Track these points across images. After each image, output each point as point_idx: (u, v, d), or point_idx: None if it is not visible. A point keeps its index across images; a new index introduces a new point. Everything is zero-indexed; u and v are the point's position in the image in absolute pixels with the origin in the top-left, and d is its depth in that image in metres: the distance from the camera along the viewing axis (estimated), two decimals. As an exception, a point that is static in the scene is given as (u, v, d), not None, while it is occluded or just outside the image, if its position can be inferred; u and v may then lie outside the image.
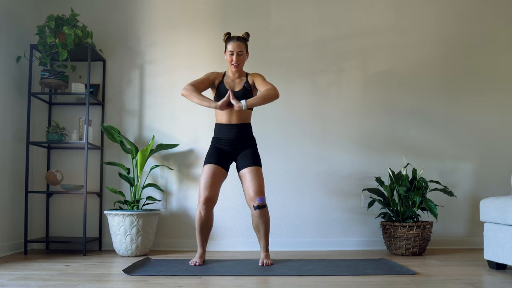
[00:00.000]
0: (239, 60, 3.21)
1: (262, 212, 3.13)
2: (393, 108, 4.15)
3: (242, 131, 3.25)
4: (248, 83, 3.26)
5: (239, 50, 3.19)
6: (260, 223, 3.15)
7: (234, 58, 3.20)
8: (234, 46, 3.19)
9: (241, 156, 3.24)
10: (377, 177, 3.85)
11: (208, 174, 3.16)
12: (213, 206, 3.18)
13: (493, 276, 2.74)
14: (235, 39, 3.21)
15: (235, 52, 3.19)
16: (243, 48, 3.22)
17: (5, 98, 3.63)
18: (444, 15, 4.23)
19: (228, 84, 3.25)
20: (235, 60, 3.20)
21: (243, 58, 3.25)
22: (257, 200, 3.11)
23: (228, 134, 3.23)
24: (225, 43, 3.26)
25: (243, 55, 3.23)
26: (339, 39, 4.18)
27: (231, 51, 3.20)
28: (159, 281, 2.60)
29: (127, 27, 4.15)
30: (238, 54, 3.20)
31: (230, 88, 3.22)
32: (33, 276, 2.72)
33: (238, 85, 3.26)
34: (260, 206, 3.12)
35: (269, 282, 2.58)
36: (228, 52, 3.22)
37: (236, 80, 3.27)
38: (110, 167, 4.05)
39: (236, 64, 3.21)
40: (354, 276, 2.73)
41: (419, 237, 3.59)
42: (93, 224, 4.01)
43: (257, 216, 3.14)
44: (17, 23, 3.82)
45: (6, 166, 3.64)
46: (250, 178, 3.15)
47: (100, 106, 4.09)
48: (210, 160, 3.21)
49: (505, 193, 4.08)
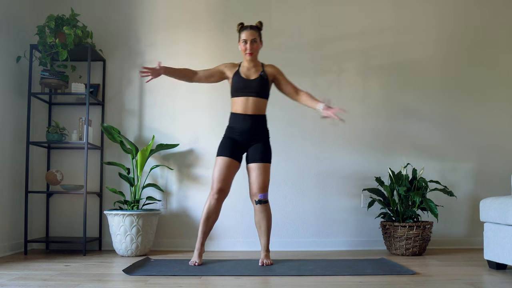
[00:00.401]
0: (252, 48, 3.19)
1: (263, 207, 3.17)
2: (393, 108, 4.15)
3: (257, 122, 3.23)
4: (264, 72, 3.24)
5: (252, 38, 3.17)
6: (262, 219, 3.19)
7: (248, 46, 3.18)
8: (248, 34, 3.17)
9: (252, 148, 3.23)
10: (377, 177, 3.85)
11: (222, 166, 3.15)
12: (224, 198, 3.20)
13: (493, 276, 2.74)
14: (248, 28, 3.20)
15: (249, 40, 3.17)
16: (257, 36, 3.20)
17: (5, 98, 3.63)
18: (444, 15, 4.23)
19: (244, 73, 3.23)
20: (249, 48, 3.18)
21: (257, 46, 3.22)
22: (259, 196, 3.16)
23: (242, 124, 3.20)
24: (239, 33, 3.24)
25: (256, 42, 3.21)
26: (339, 39, 4.18)
27: (244, 39, 3.18)
28: (159, 281, 2.60)
29: (127, 27, 4.15)
30: (251, 41, 3.17)
31: (246, 77, 3.22)
32: (33, 276, 2.72)
33: (254, 74, 3.23)
34: (262, 201, 3.17)
35: (269, 282, 2.58)
36: (241, 41, 3.21)
37: (252, 70, 3.25)
38: (110, 167, 4.05)
39: (250, 52, 3.18)
40: (354, 276, 2.73)
41: (419, 237, 3.59)
42: (93, 224, 4.01)
43: (259, 211, 3.18)
44: (17, 23, 3.82)
45: (6, 166, 3.64)
46: (256, 174, 3.17)
47: (100, 106, 4.09)
48: (224, 152, 3.19)
49: (505, 193, 4.08)
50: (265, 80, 3.22)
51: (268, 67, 3.29)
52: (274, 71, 3.29)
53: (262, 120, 3.27)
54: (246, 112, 3.20)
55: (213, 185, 3.16)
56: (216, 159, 3.20)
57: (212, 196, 3.16)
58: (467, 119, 4.18)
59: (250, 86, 3.19)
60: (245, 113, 3.20)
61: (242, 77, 3.21)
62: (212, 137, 4.06)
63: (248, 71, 3.25)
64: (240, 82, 3.20)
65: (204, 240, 3.22)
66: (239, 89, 3.21)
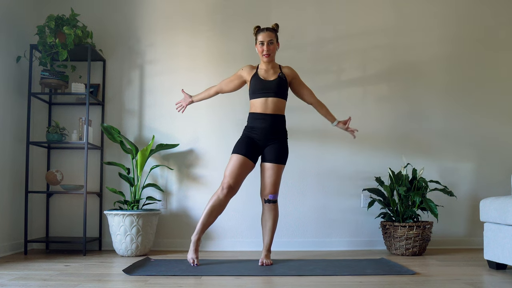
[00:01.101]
0: (269, 50, 3.22)
1: (272, 206, 3.24)
2: (393, 108, 4.15)
3: (276, 121, 3.23)
4: (283, 73, 3.28)
5: (269, 39, 3.21)
6: (269, 217, 3.24)
7: (265, 48, 3.21)
8: (264, 36, 3.21)
9: (269, 147, 3.23)
10: (377, 177, 3.85)
11: (236, 163, 3.15)
12: (232, 196, 3.18)
13: (493, 276, 2.74)
14: (265, 30, 3.24)
15: (266, 41, 3.20)
16: (273, 37, 3.24)
17: (5, 98, 3.63)
18: (444, 15, 4.23)
19: (262, 75, 3.26)
20: (265, 49, 3.21)
21: (274, 47, 3.26)
22: (270, 196, 3.23)
23: (261, 123, 3.21)
24: (255, 36, 3.27)
25: (273, 44, 3.24)
26: (339, 39, 4.18)
27: (261, 41, 3.21)
28: (159, 281, 2.60)
29: (127, 27, 4.15)
30: (268, 43, 3.21)
31: (264, 78, 3.24)
32: (33, 276, 2.72)
33: (272, 75, 3.27)
34: (271, 201, 3.24)
35: (269, 282, 2.58)
36: (258, 43, 3.23)
37: (270, 71, 3.28)
38: (110, 167, 4.05)
39: (267, 54, 3.22)
40: (354, 276, 2.73)
41: (419, 237, 3.59)
42: (93, 224, 4.01)
43: (267, 210, 3.24)
44: (17, 23, 3.82)
45: (6, 166, 3.64)
46: (270, 174, 3.21)
47: (100, 106, 4.09)
48: (240, 150, 3.19)
49: (505, 193, 4.09)
50: (284, 81, 3.26)
51: (286, 69, 3.34)
52: (291, 73, 3.33)
53: (281, 120, 3.28)
54: (266, 112, 3.21)
55: (223, 180, 3.15)
56: (231, 156, 3.20)
57: (221, 191, 3.13)
58: (467, 119, 4.18)
59: (269, 86, 3.21)
60: (265, 113, 3.21)
61: (261, 78, 3.24)
62: (212, 137, 4.07)
63: (266, 73, 3.28)
64: (259, 83, 3.23)
65: (202, 233, 3.17)
66: (257, 90, 3.23)
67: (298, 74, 3.36)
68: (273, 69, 3.29)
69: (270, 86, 3.21)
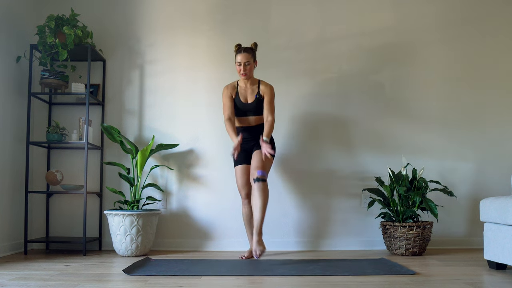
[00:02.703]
0: (246, 70, 3.45)
1: (261, 185, 3.29)
2: (393, 108, 4.15)
3: (258, 129, 3.58)
4: (259, 94, 3.52)
5: (245, 61, 3.43)
6: (258, 196, 3.28)
7: (241, 68, 3.44)
8: (241, 57, 3.44)
9: (256, 146, 3.54)
10: (377, 177, 3.85)
11: (241, 173, 3.52)
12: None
13: (493, 276, 2.74)
14: (242, 51, 3.45)
15: (242, 62, 3.43)
16: (250, 59, 3.45)
17: (5, 98, 3.63)
18: (445, 15, 4.23)
19: (242, 95, 3.52)
20: (242, 70, 3.44)
21: (251, 67, 3.48)
22: (257, 172, 3.32)
23: (245, 134, 3.57)
24: (235, 54, 3.48)
25: (250, 64, 3.46)
26: (339, 39, 4.18)
27: (238, 61, 3.44)
28: (159, 281, 2.60)
29: (127, 27, 4.15)
30: (245, 64, 3.44)
31: (244, 100, 3.51)
32: (33, 276, 2.72)
33: (250, 96, 3.53)
34: (260, 178, 3.29)
35: (269, 282, 2.58)
36: (236, 63, 3.46)
37: (249, 90, 3.54)
38: (110, 167, 4.05)
39: (244, 73, 3.45)
40: (354, 276, 2.73)
41: (419, 237, 3.59)
42: (93, 224, 4.01)
43: (255, 189, 3.30)
44: (17, 23, 3.82)
45: (6, 166, 3.64)
46: (255, 157, 3.44)
47: (100, 106, 4.09)
48: (239, 160, 3.54)
49: (505, 193, 4.09)
50: (261, 100, 3.53)
51: (263, 86, 3.53)
52: (266, 92, 3.51)
53: (262, 127, 3.59)
54: (248, 125, 3.58)
55: (240, 193, 3.56)
56: (235, 169, 3.56)
57: (244, 203, 3.56)
58: (467, 119, 4.18)
59: (248, 109, 3.52)
60: (248, 126, 3.58)
61: (241, 100, 3.52)
62: (212, 137, 4.07)
63: (245, 91, 3.54)
64: (240, 105, 3.52)
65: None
66: (239, 111, 3.54)
67: (271, 95, 3.51)
68: (251, 87, 3.54)
69: (249, 108, 3.52)
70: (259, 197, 3.27)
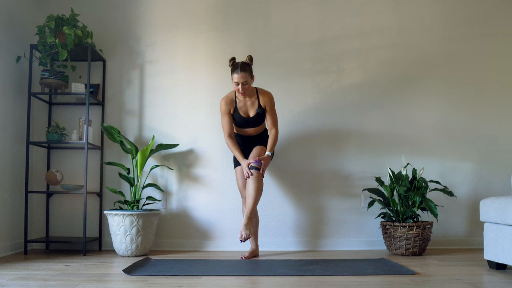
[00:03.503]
0: (244, 89, 3.37)
1: (255, 173, 3.34)
2: (393, 108, 4.15)
3: (259, 136, 3.65)
4: (260, 107, 3.48)
5: (243, 81, 3.34)
6: (251, 183, 3.33)
7: (240, 88, 3.36)
8: (239, 78, 3.33)
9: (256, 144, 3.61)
10: (377, 177, 3.85)
11: (242, 175, 3.52)
12: None
13: (493, 276, 2.74)
14: (238, 70, 3.32)
15: (240, 82, 3.34)
16: (247, 77, 3.35)
17: (5, 98, 3.63)
18: (445, 15, 4.23)
19: (241, 110, 3.48)
20: (241, 89, 3.36)
21: (249, 86, 3.40)
22: (253, 162, 3.35)
23: (245, 140, 3.64)
24: (231, 71, 3.39)
25: (248, 83, 3.37)
26: (339, 39, 4.18)
27: (236, 82, 3.35)
28: (159, 281, 2.60)
29: (127, 27, 4.15)
30: (243, 84, 3.35)
31: (244, 114, 3.49)
32: (33, 276, 2.72)
33: (251, 109, 3.50)
34: (254, 167, 3.34)
35: (269, 282, 2.58)
36: (234, 83, 3.38)
37: (248, 103, 3.50)
38: (110, 167, 4.05)
39: (243, 93, 3.38)
40: (354, 276, 2.73)
41: (419, 237, 3.59)
42: (93, 224, 4.01)
43: (250, 179, 3.34)
44: (17, 23, 3.82)
45: (6, 166, 3.64)
46: (253, 151, 3.50)
47: (100, 106, 4.09)
48: (239, 162, 3.52)
49: (505, 193, 4.08)
50: (262, 113, 3.52)
51: (262, 97, 3.48)
52: (267, 102, 3.49)
53: (263, 132, 3.67)
54: (250, 135, 3.63)
55: (241, 194, 3.58)
56: (235, 170, 3.59)
57: (243, 204, 3.57)
58: (467, 119, 4.18)
59: (250, 122, 3.52)
60: (248, 135, 3.63)
61: (241, 115, 3.49)
62: (212, 137, 4.07)
63: (244, 105, 3.50)
64: (240, 120, 3.51)
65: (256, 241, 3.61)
66: (240, 125, 3.55)
67: (273, 103, 3.52)
68: (250, 100, 3.49)
69: (250, 121, 3.52)
70: (252, 183, 3.32)
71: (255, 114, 3.47)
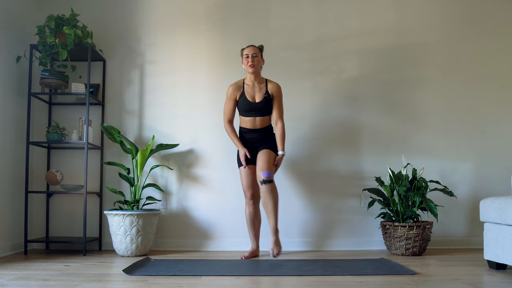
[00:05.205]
0: (254, 61, 3.46)
1: (269, 187, 3.30)
2: (393, 108, 4.15)
3: (264, 132, 3.56)
4: (268, 93, 3.51)
5: (253, 52, 3.47)
6: (268, 199, 3.31)
7: (250, 59, 3.46)
8: (249, 49, 3.48)
9: (261, 145, 3.54)
10: (377, 177, 3.85)
11: (246, 174, 3.50)
12: (259, 201, 3.53)
13: (493, 276, 2.74)
14: (250, 45, 3.55)
15: (250, 54, 3.46)
16: (257, 52, 3.50)
17: (5, 98, 3.63)
18: (445, 15, 4.23)
19: (249, 94, 3.49)
20: (250, 61, 3.45)
21: (258, 60, 3.49)
22: (263, 174, 3.31)
23: (251, 135, 3.56)
24: (242, 53, 3.53)
25: (258, 57, 3.49)
26: (339, 39, 4.18)
27: (246, 54, 3.48)
28: (159, 281, 2.60)
29: (127, 27, 4.15)
30: (253, 55, 3.46)
31: (251, 98, 3.48)
32: (33, 276, 2.72)
33: (258, 94, 3.50)
34: (266, 180, 3.28)
35: (269, 282, 2.58)
36: (244, 57, 3.49)
37: (256, 88, 3.52)
38: (110, 167, 4.05)
39: (252, 64, 3.44)
40: (354, 276, 2.73)
41: (419, 237, 3.59)
42: (93, 224, 4.01)
43: (264, 192, 3.31)
44: (17, 23, 3.82)
45: (6, 166, 3.64)
46: (260, 157, 3.42)
47: (100, 106, 4.09)
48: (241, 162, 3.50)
49: (505, 193, 4.08)
50: (269, 100, 3.52)
51: (271, 85, 3.54)
52: (275, 91, 3.53)
53: (268, 128, 3.59)
54: (254, 128, 3.54)
55: (245, 194, 3.54)
56: (239, 170, 3.55)
57: (248, 203, 3.54)
58: (467, 119, 4.18)
59: (256, 108, 3.49)
60: (253, 128, 3.54)
61: (248, 99, 3.48)
62: (212, 137, 4.07)
63: (252, 90, 3.51)
64: (246, 105, 3.49)
65: (256, 241, 3.59)
66: (245, 111, 3.52)
67: (281, 93, 3.56)
68: (258, 86, 3.52)
69: (257, 107, 3.48)
70: (269, 199, 3.30)
71: (262, 100, 3.47)
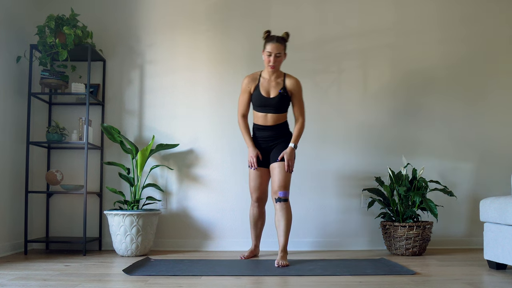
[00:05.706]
0: (276, 62, 3.21)
1: (284, 205, 3.21)
2: (393, 108, 4.15)
3: (277, 130, 3.34)
4: (285, 89, 3.27)
5: (277, 52, 3.19)
6: (281, 217, 3.20)
7: (271, 59, 3.20)
8: (273, 47, 3.18)
9: (274, 149, 3.34)
10: (377, 177, 3.85)
11: (254, 176, 3.38)
12: (265, 204, 3.49)
13: (493, 276, 2.74)
14: (275, 40, 3.18)
15: (273, 53, 3.19)
16: (282, 50, 3.21)
17: (5, 98, 3.63)
18: (445, 15, 4.23)
19: (263, 88, 3.27)
20: (272, 61, 3.20)
21: (281, 60, 3.24)
22: (279, 193, 3.22)
23: (263, 133, 3.35)
24: (264, 42, 3.24)
25: (281, 56, 3.22)
26: (339, 39, 4.18)
27: (269, 51, 3.19)
28: (159, 281, 2.60)
29: (127, 27, 4.15)
30: (276, 55, 3.19)
31: (265, 93, 3.26)
32: (33, 276, 2.72)
33: (273, 90, 3.27)
34: (282, 199, 3.21)
35: (269, 282, 2.58)
36: (266, 53, 3.21)
37: (272, 83, 3.28)
38: (110, 167, 4.05)
39: (273, 66, 3.21)
40: (354, 276, 2.73)
41: (419, 237, 3.59)
42: (93, 224, 4.01)
43: (278, 209, 3.22)
44: (17, 23, 3.82)
45: (6, 166, 3.64)
46: (277, 172, 3.25)
47: (100, 106, 4.09)
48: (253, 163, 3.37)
49: (505, 193, 4.09)
50: (285, 97, 3.28)
51: (289, 81, 3.29)
52: (294, 88, 3.30)
53: (282, 126, 3.37)
54: (266, 124, 3.33)
55: (251, 195, 3.45)
56: (249, 171, 3.42)
57: (253, 205, 3.47)
58: (467, 119, 4.18)
59: (269, 104, 3.26)
60: (265, 125, 3.33)
61: (262, 94, 3.26)
62: (212, 137, 4.07)
63: (268, 84, 3.28)
64: (259, 100, 3.27)
65: (257, 241, 3.54)
66: (258, 106, 3.31)
67: (300, 89, 3.33)
68: (275, 81, 3.29)
69: (270, 103, 3.26)
70: (283, 218, 3.19)
71: (277, 95, 3.23)
